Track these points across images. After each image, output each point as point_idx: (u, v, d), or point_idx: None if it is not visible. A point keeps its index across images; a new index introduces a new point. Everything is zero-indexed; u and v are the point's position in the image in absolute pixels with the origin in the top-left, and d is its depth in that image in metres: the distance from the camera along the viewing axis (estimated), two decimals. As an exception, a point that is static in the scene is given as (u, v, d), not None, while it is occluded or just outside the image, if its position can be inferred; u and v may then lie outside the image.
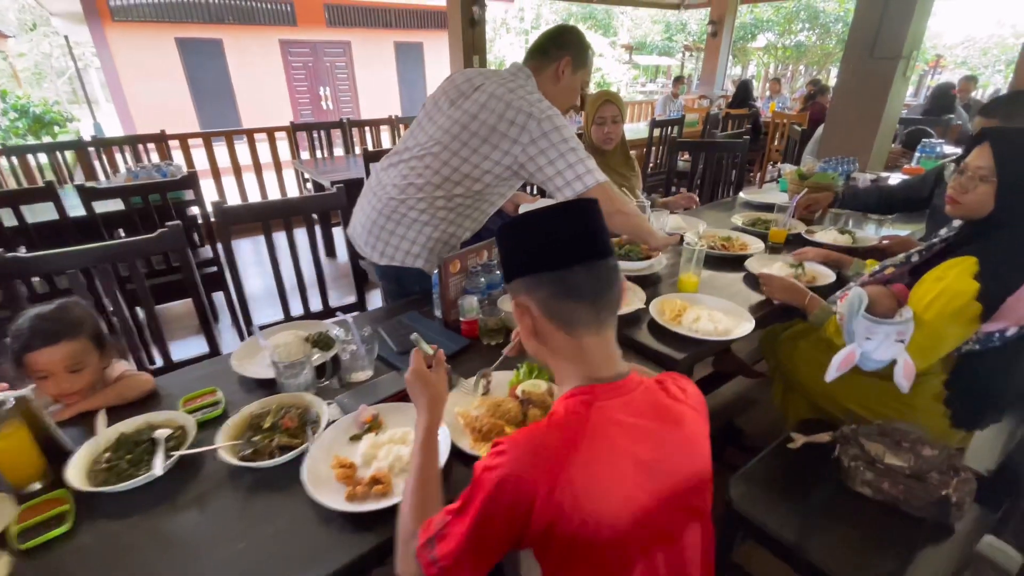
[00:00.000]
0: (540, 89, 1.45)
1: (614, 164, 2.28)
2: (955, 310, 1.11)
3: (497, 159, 1.38)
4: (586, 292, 0.67)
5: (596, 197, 1.37)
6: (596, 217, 0.70)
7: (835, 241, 1.91)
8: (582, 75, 1.51)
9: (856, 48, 2.77)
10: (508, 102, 1.34)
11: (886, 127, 2.90)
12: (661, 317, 1.33)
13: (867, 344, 1.18)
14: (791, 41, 17.69)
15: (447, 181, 1.42)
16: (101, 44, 8.93)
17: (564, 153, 1.34)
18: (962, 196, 1.20)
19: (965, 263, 1.13)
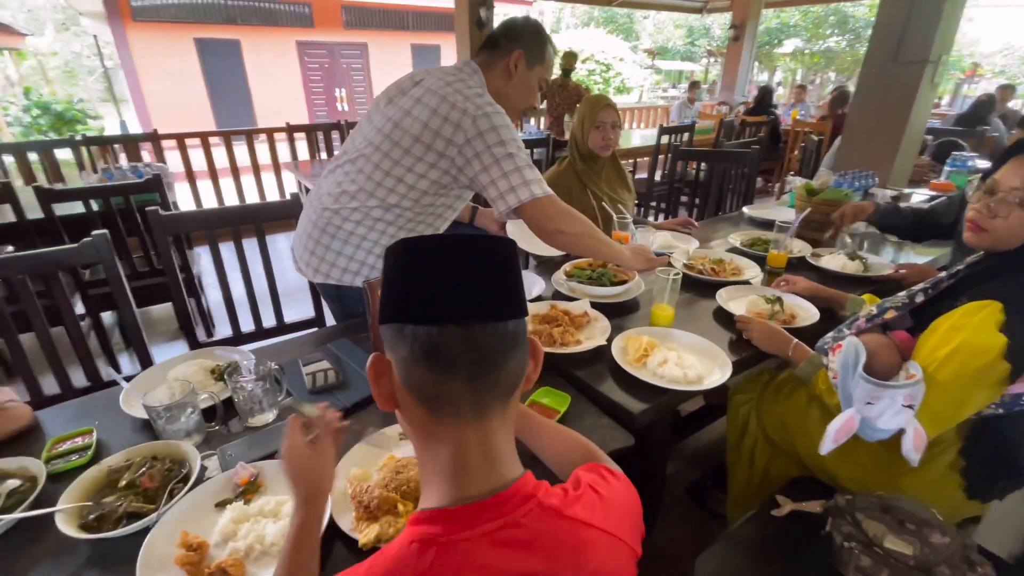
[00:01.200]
0: (491, 86, 1.30)
1: (605, 175, 2.10)
2: (977, 371, 0.90)
3: (431, 161, 1.22)
4: (460, 364, 0.47)
5: (531, 214, 1.20)
6: (502, 264, 0.50)
7: (843, 268, 1.68)
8: (539, 71, 1.34)
9: (878, 51, 2.53)
10: (443, 96, 1.19)
11: (911, 138, 2.64)
12: (623, 357, 1.14)
13: (869, 410, 0.98)
14: (820, 47, 17.15)
15: (380, 187, 1.26)
16: (122, 44, 9.07)
17: (499, 159, 1.17)
18: (988, 222, 0.99)
19: (988, 310, 0.92)
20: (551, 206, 1.23)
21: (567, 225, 1.25)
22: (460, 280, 0.48)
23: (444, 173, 1.24)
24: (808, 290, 1.46)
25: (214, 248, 1.63)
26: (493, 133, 1.17)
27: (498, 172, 1.18)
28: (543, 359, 0.56)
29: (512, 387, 0.51)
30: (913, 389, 0.94)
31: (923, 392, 0.94)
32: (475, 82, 1.26)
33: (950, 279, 1.10)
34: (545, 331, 1.21)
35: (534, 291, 1.50)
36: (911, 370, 0.97)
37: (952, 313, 0.96)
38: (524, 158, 1.19)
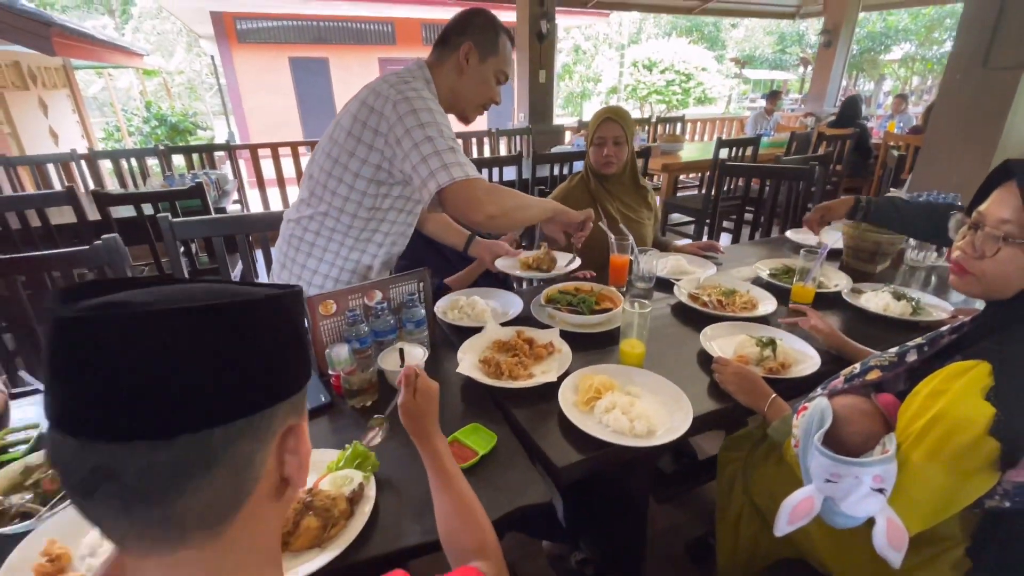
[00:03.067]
0: (443, 84, 1.25)
1: (618, 192, 1.96)
2: (959, 449, 0.70)
3: (363, 157, 1.18)
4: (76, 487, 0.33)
5: (452, 202, 1.11)
6: (196, 348, 0.33)
7: (886, 310, 1.42)
8: (495, 64, 1.26)
9: (963, 57, 2.15)
10: (373, 87, 1.17)
11: (1007, 154, 2.20)
12: (569, 398, 1.03)
13: (831, 489, 0.80)
14: (934, 52, 15.38)
15: (326, 191, 1.24)
16: (227, 63, 10.08)
17: (418, 143, 1.10)
18: (975, 263, 0.79)
19: (974, 372, 0.72)
20: (471, 189, 1.11)
21: (494, 207, 1.13)
22: (83, 373, 0.31)
23: (377, 168, 1.20)
24: (829, 338, 1.23)
25: (188, 251, 1.70)
26: (412, 116, 1.11)
27: (417, 157, 1.10)
28: (307, 461, 0.42)
29: (226, 512, 0.37)
30: (884, 468, 0.75)
31: (895, 472, 0.75)
32: (414, 76, 1.21)
33: (952, 334, 0.88)
34: (493, 360, 1.11)
35: (510, 313, 1.41)
36: (888, 445, 0.78)
37: (935, 375, 0.76)
38: (445, 142, 1.11)
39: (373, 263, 1.36)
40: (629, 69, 15.54)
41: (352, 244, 1.29)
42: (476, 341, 1.22)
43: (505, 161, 3.20)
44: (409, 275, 1.22)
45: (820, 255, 1.44)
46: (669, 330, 1.38)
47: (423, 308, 1.21)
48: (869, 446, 0.83)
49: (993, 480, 0.73)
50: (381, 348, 1.16)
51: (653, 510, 1.72)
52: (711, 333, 1.28)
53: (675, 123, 6.63)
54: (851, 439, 0.85)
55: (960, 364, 0.75)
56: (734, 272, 1.74)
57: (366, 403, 1.07)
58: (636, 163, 1.98)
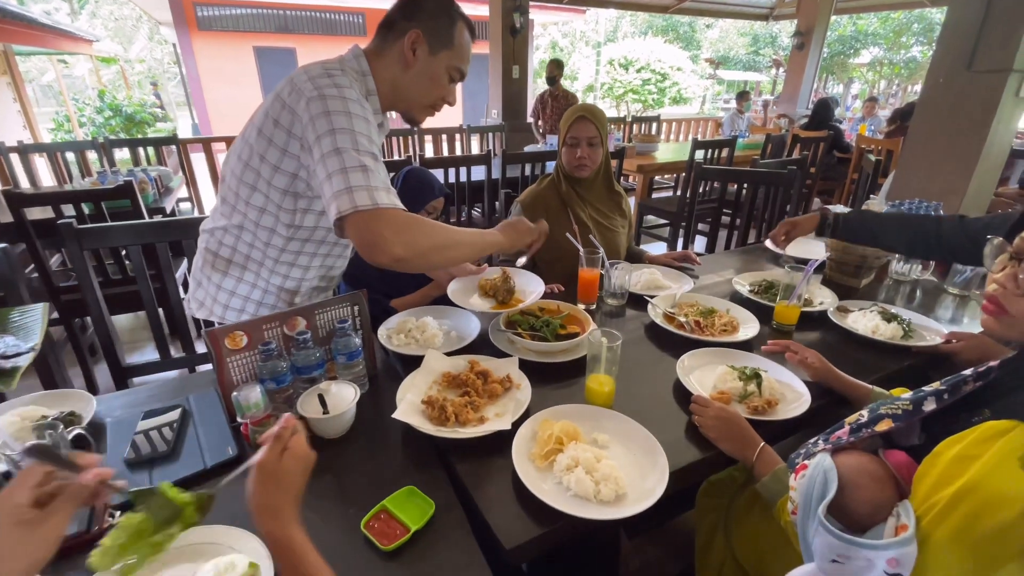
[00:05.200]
0: (384, 77, 1.06)
1: (592, 198, 1.81)
2: (992, 532, 0.57)
3: (274, 162, 0.99)
4: None
5: (353, 235, 0.87)
6: None
7: (875, 333, 1.30)
8: (448, 58, 1.06)
9: (947, 59, 2.07)
10: (291, 79, 0.97)
11: (990, 162, 2.16)
12: (525, 451, 0.86)
13: (836, 571, 0.66)
14: (902, 57, 15.77)
15: (239, 199, 1.05)
16: (187, 51, 9.60)
17: (325, 156, 0.88)
18: (1016, 301, 0.66)
19: (1013, 436, 0.59)
20: (375, 223, 0.86)
21: (403, 247, 0.87)
22: None
23: (293, 178, 1.00)
24: (820, 374, 1.09)
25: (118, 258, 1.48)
26: (323, 120, 0.90)
27: (322, 173, 0.88)
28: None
29: None
30: (901, 551, 0.61)
31: (915, 555, 0.61)
32: (344, 68, 1.00)
33: (977, 381, 0.75)
34: (438, 401, 0.94)
35: (466, 338, 1.23)
36: (903, 518, 0.64)
37: (963, 435, 0.63)
38: (356, 157, 0.88)
39: (300, 287, 1.17)
40: (606, 67, 15.50)
41: (273, 264, 1.10)
42: (420, 377, 1.04)
43: (474, 160, 3.02)
44: (340, 299, 1.03)
45: (807, 271, 1.31)
46: (643, 357, 1.24)
47: (358, 337, 1.03)
48: (880, 517, 0.70)
49: (1031, 568, 0.60)
50: (306, 387, 0.97)
51: (624, 548, 1.58)
52: (689, 363, 1.13)
53: (650, 123, 6.55)
54: (859, 508, 0.71)
55: (994, 424, 0.62)
56: (718, 284, 1.60)
57: (282, 457, 0.89)
58: (611, 166, 1.84)
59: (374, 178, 0.89)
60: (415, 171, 1.56)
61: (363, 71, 1.05)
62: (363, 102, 0.98)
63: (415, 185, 1.54)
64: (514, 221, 1.20)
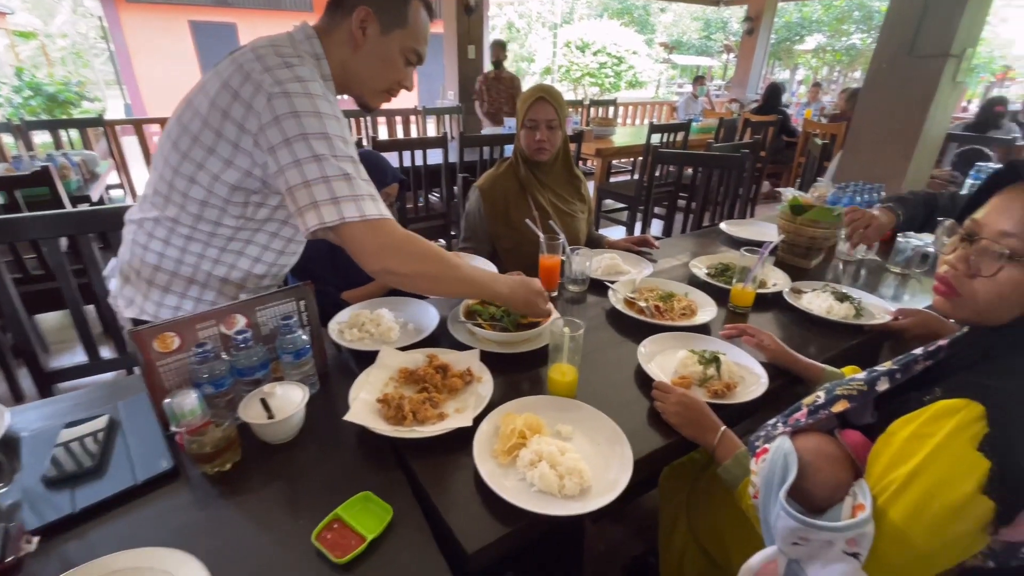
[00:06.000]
0: (334, 59, 0.98)
1: (551, 183, 1.77)
2: (946, 509, 0.59)
3: (226, 156, 0.90)
4: None
5: (347, 242, 0.86)
6: None
7: (828, 313, 1.33)
8: (402, 39, 0.99)
9: (891, 43, 2.14)
10: (240, 64, 0.87)
11: (927, 144, 2.26)
12: (486, 449, 0.83)
13: (796, 552, 0.67)
14: (843, 44, 16.43)
15: (174, 191, 0.96)
16: (115, 25, 8.87)
17: (301, 161, 0.84)
18: (966, 283, 0.67)
19: (964, 414, 0.60)
20: (373, 236, 0.87)
21: (398, 263, 0.89)
22: None
23: (246, 175, 0.92)
24: (775, 355, 1.11)
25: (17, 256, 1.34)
26: (292, 122, 0.84)
27: (297, 179, 0.84)
28: None
29: None
30: (859, 531, 0.62)
31: (871, 534, 0.62)
32: (300, 52, 0.92)
33: (927, 359, 0.77)
34: (394, 400, 0.89)
35: (425, 331, 1.18)
36: (859, 497, 0.66)
37: (916, 414, 0.64)
38: (337, 164, 0.85)
39: (246, 281, 1.08)
40: (562, 49, 15.42)
41: (218, 254, 1.02)
42: (374, 374, 0.99)
43: (430, 143, 2.92)
44: (283, 293, 0.96)
45: (762, 254, 1.33)
46: (605, 343, 1.22)
47: (306, 334, 0.96)
48: (838, 497, 0.71)
49: (982, 543, 0.62)
50: (249, 389, 0.90)
51: (589, 531, 1.59)
52: (649, 349, 1.13)
53: (607, 106, 6.56)
54: (818, 490, 0.72)
55: (945, 403, 0.63)
56: (676, 268, 1.61)
57: (224, 467, 0.82)
58: (569, 150, 1.80)
59: (358, 186, 0.86)
60: (366, 155, 1.47)
61: (316, 54, 0.97)
62: (328, 96, 0.91)
63: (367, 170, 1.45)
64: (531, 287, 1.10)
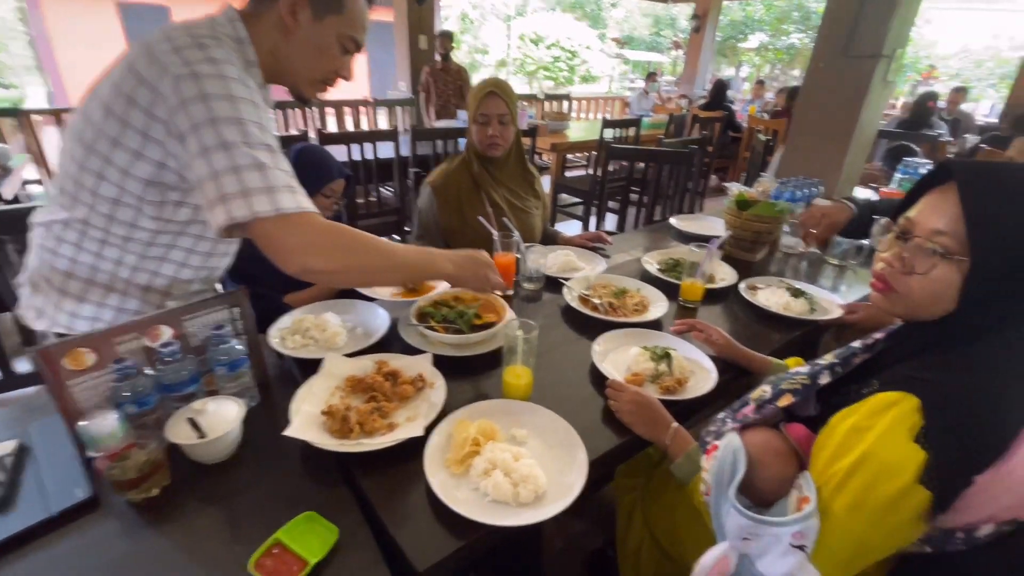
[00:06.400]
0: (264, 45, 0.90)
1: (505, 179, 1.74)
2: (886, 500, 0.60)
3: (135, 147, 0.82)
4: None
5: (261, 241, 0.77)
6: None
7: (785, 309, 1.37)
8: (337, 25, 0.91)
9: (827, 44, 2.24)
10: (149, 45, 0.80)
11: (861, 141, 2.38)
12: (439, 459, 0.80)
13: (746, 547, 0.68)
14: (783, 43, 17.19)
15: (83, 190, 0.87)
16: (34, 7, 8.14)
17: (208, 149, 0.75)
18: (902, 280, 0.69)
19: (901, 407, 0.62)
20: (290, 232, 0.78)
21: (323, 260, 0.80)
22: None
23: (159, 167, 0.84)
24: (724, 350, 1.13)
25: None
26: (200, 106, 0.75)
27: (204, 170, 0.75)
28: None
29: None
30: (805, 524, 0.64)
31: (816, 527, 0.64)
32: (217, 34, 0.84)
33: (865, 352, 0.80)
34: (340, 411, 0.85)
35: (374, 336, 1.13)
36: (805, 490, 0.67)
37: (856, 407, 0.66)
38: (249, 153, 0.76)
39: (172, 289, 1.00)
40: (517, 42, 15.37)
41: (137, 261, 0.93)
42: (318, 384, 0.93)
43: (380, 136, 2.82)
44: (214, 301, 0.89)
45: (710, 248, 1.36)
46: (560, 342, 1.21)
47: (241, 343, 0.90)
48: (784, 490, 0.72)
49: (920, 531, 0.65)
50: (179, 406, 0.83)
51: (548, 528, 1.59)
52: (603, 347, 1.13)
53: (562, 100, 6.59)
54: (765, 485, 0.73)
55: (884, 396, 0.65)
56: (628, 264, 1.62)
57: (151, 493, 0.76)
58: (522, 145, 1.78)
59: (273, 176, 0.77)
60: (308, 150, 1.40)
61: (239, 37, 0.89)
62: (246, 80, 0.83)
63: (308, 167, 1.38)
64: (479, 260, 1.05)
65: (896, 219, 0.72)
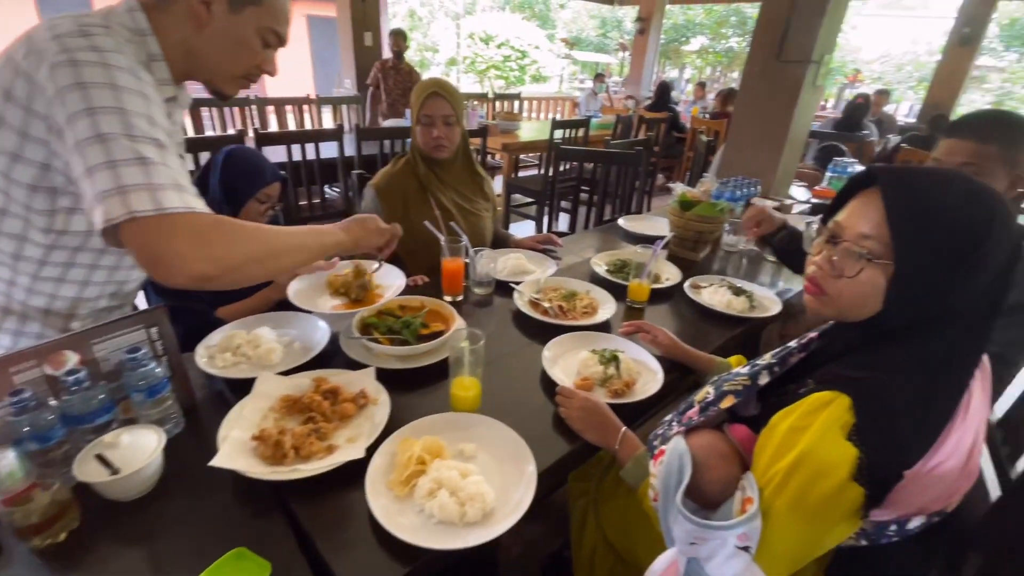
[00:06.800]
0: (170, 40, 0.83)
1: (453, 181, 1.71)
2: (822, 498, 0.62)
3: (13, 148, 0.74)
4: None
5: (135, 247, 0.68)
6: None
7: (727, 307, 1.41)
8: (257, 18, 0.85)
9: (761, 50, 2.34)
10: (28, 36, 0.73)
11: (794, 142, 2.50)
12: (381, 482, 0.76)
13: (694, 551, 0.68)
14: (723, 46, 17.93)
15: None
16: (-76, -11, 7.35)
17: (81, 143, 0.67)
18: (832, 283, 0.71)
19: (834, 406, 0.64)
20: (162, 233, 0.68)
21: (209, 262, 0.70)
22: None
23: (43, 169, 0.76)
24: (669, 350, 1.15)
25: None
26: (76, 95, 0.67)
27: (80, 167, 0.67)
28: None
29: None
30: (749, 526, 0.65)
31: (760, 528, 0.65)
32: (109, 23, 0.76)
33: (800, 351, 0.83)
34: (271, 436, 0.79)
35: (314, 350, 1.07)
36: (748, 491, 0.68)
37: (795, 407, 0.68)
38: (129, 146, 0.68)
39: (76, 309, 0.90)
40: (466, 41, 15.26)
41: (31, 282, 0.83)
42: (249, 406, 0.87)
43: (323, 136, 2.71)
44: (127, 320, 0.81)
45: (655, 249, 1.38)
46: (511, 347, 1.20)
47: (160, 365, 0.83)
48: (729, 492, 0.73)
49: (856, 526, 0.67)
50: (91, 438, 0.75)
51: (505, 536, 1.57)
52: (553, 352, 1.12)
53: (512, 100, 6.59)
54: (711, 488, 0.74)
55: (819, 396, 0.66)
56: (578, 266, 1.62)
57: (58, 538, 0.68)
58: (470, 146, 1.75)
59: (157, 173, 0.68)
60: (237, 153, 1.31)
61: (140, 29, 0.81)
62: (137, 71, 0.75)
63: (239, 171, 1.29)
64: (363, 218, 1.03)
65: (826, 222, 0.74)
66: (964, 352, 0.67)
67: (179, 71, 0.87)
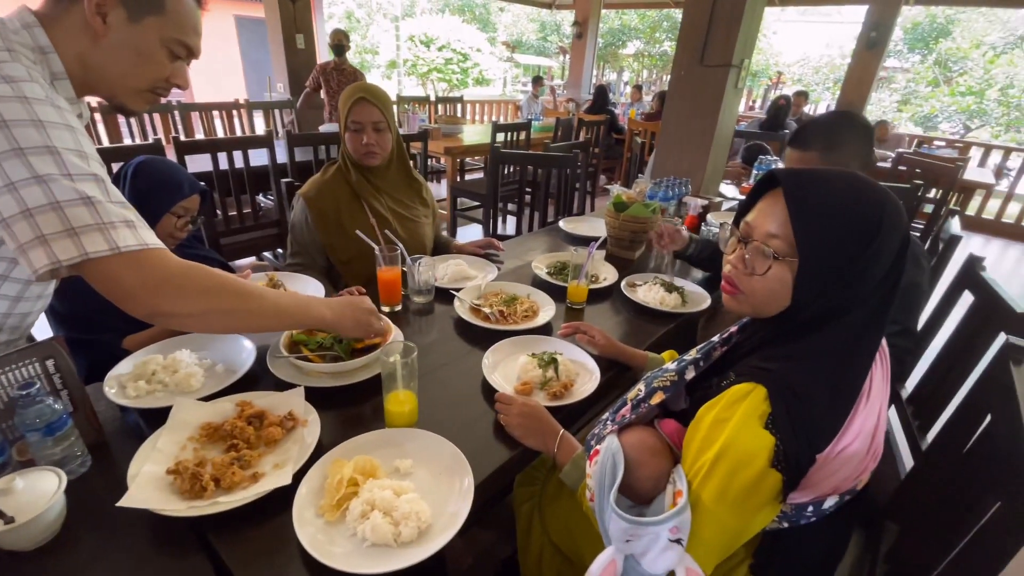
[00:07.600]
0: (68, 53, 0.77)
1: (388, 187, 1.67)
2: (745, 487, 0.65)
3: None
4: None
5: (99, 285, 0.69)
6: None
7: (661, 303, 1.45)
8: (160, 28, 0.79)
9: (686, 54, 2.45)
10: None
11: (720, 142, 2.63)
12: (310, 509, 0.73)
13: (630, 547, 0.70)
14: (657, 50, 18.63)
15: None
16: None
17: (16, 184, 0.63)
18: (746, 281, 0.75)
19: (752, 396, 0.68)
20: (134, 272, 0.69)
21: (177, 302, 0.72)
22: None
23: None
24: (606, 349, 1.17)
25: None
26: (0, 135, 0.63)
27: (13, 207, 0.64)
28: None
29: None
30: (679, 519, 0.67)
31: (689, 519, 0.68)
32: (7, 42, 0.70)
33: (723, 346, 0.87)
34: (188, 469, 0.74)
35: (238, 372, 1.01)
36: (678, 484, 0.71)
37: (718, 399, 0.71)
38: (70, 187, 0.65)
39: None
40: (406, 43, 15.07)
41: None
42: (164, 437, 0.81)
43: (251, 142, 2.58)
44: (16, 355, 0.74)
45: (590, 250, 1.40)
46: (452, 356, 1.18)
47: (60, 401, 0.76)
48: (661, 486, 0.75)
49: (777, 511, 0.70)
50: None
51: (456, 547, 1.55)
52: (493, 359, 1.12)
53: (455, 103, 6.56)
54: (643, 484, 0.76)
55: (739, 388, 0.69)
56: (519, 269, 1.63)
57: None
58: (405, 151, 1.71)
59: (106, 211, 0.67)
60: (148, 165, 1.22)
61: (41, 47, 0.74)
62: (57, 100, 0.70)
63: (151, 185, 1.21)
64: (358, 306, 0.98)
65: (738, 223, 0.78)
66: (866, 338, 0.71)
67: (79, 86, 0.80)
